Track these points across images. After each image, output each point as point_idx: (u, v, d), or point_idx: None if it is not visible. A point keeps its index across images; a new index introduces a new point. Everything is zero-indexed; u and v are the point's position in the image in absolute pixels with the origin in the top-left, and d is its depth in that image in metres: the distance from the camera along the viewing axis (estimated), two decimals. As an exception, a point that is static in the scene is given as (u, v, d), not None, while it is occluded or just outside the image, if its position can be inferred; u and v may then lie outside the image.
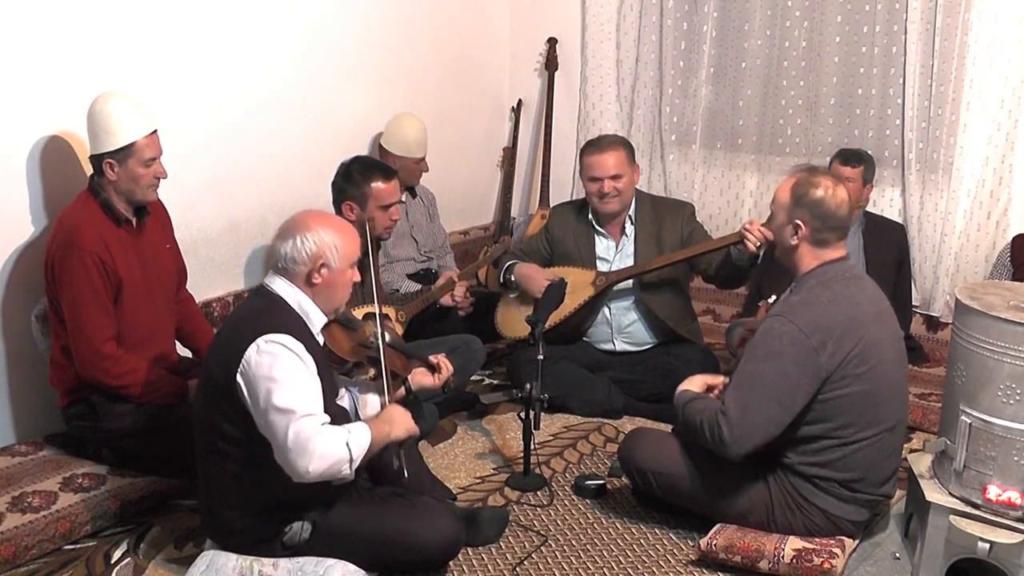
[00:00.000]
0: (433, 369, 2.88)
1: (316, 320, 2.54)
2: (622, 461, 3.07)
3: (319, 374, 2.46)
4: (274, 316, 2.46)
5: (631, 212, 3.92)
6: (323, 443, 2.33)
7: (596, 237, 3.97)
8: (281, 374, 2.35)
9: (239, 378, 2.38)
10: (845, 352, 2.64)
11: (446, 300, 3.95)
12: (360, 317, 2.92)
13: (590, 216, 3.97)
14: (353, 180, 3.50)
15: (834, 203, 2.72)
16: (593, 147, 3.88)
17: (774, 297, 3.26)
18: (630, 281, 3.90)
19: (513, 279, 3.98)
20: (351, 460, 2.38)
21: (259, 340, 2.38)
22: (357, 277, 2.61)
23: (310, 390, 2.40)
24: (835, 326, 2.64)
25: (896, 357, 2.80)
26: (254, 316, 2.48)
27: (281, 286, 2.51)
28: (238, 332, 2.44)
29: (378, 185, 3.49)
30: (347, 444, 2.37)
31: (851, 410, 2.68)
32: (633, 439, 3.07)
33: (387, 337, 2.83)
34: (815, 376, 2.64)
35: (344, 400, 2.74)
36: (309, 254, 2.47)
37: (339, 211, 3.53)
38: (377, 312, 2.84)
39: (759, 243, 3.51)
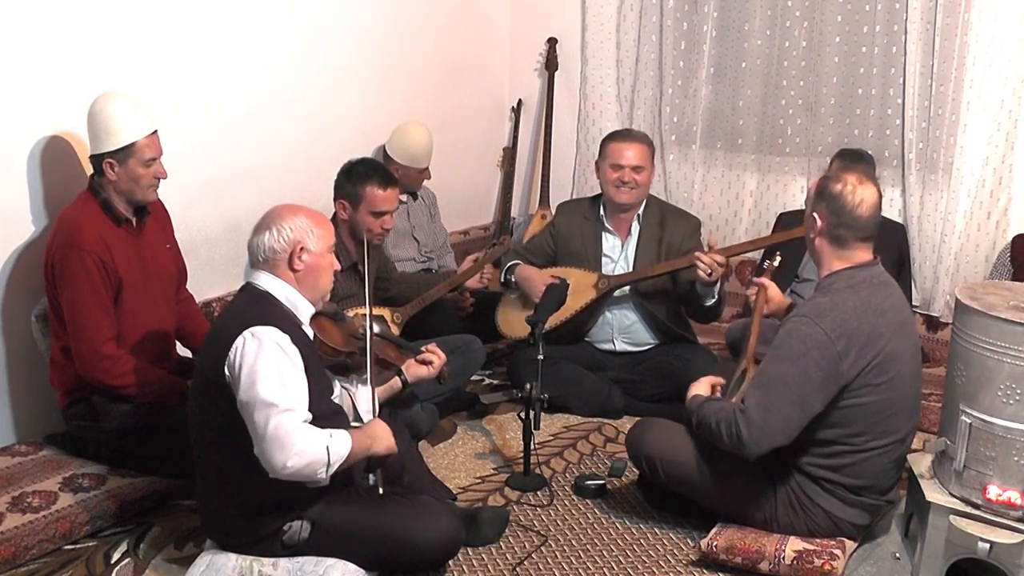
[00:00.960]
0: (426, 361, 2.89)
1: (304, 310, 2.55)
2: (630, 448, 3.05)
3: (309, 368, 2.46)
4: (261, 309, 2.46)
5: (639, 212, 3.92)
6: (302, 440, 2.32)
7: (603, 235, 3.95)
8: (264, 367, 2.36)
9: (227, 371, 2.39)
10: (867, 361, 2.62)
11: (471, 283, 3.95)
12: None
13: (600, 212, 3.96)
14: (352, 179, 3.50)
15: (852, 200, 2.64)
16: (621, 136, 3.88)
17: (779, 259, 3.25)
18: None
19: (514, 280, 3.97)
20: (328, 464, 2.36)
21: (245, 333, 2.39)
22: (337, 265, 2.62)
23: (294, 385, 2.39)
24: (860, 334, 2.61)
25: (914, 370, 2.77)
26: (241, 311, 2.49)
27: (266, 280, 2.52)
28: (226, 327, 2.46)
29: (374, 190, 3.46)
30: (327, 447, 2.35)
31: (865, 419, 2.67)
32: (642, 427, 3.06)
33: (376, 328, 2.84)
34: (835, 382, 2.62)
35: (342, 399, 2.74)
36: (287, 240, 2.49)
37: (335, 208, 3.53)
38: (368, 304, 2.86)
39: (709, 271, 3.49)
